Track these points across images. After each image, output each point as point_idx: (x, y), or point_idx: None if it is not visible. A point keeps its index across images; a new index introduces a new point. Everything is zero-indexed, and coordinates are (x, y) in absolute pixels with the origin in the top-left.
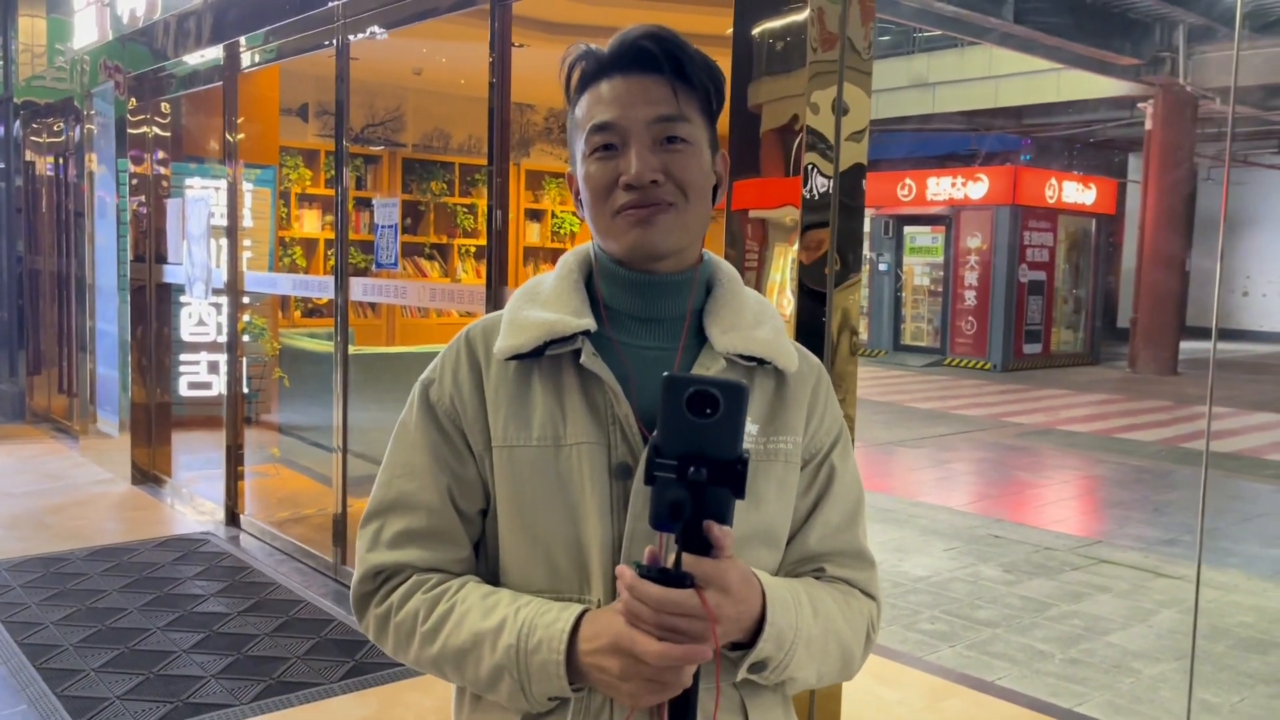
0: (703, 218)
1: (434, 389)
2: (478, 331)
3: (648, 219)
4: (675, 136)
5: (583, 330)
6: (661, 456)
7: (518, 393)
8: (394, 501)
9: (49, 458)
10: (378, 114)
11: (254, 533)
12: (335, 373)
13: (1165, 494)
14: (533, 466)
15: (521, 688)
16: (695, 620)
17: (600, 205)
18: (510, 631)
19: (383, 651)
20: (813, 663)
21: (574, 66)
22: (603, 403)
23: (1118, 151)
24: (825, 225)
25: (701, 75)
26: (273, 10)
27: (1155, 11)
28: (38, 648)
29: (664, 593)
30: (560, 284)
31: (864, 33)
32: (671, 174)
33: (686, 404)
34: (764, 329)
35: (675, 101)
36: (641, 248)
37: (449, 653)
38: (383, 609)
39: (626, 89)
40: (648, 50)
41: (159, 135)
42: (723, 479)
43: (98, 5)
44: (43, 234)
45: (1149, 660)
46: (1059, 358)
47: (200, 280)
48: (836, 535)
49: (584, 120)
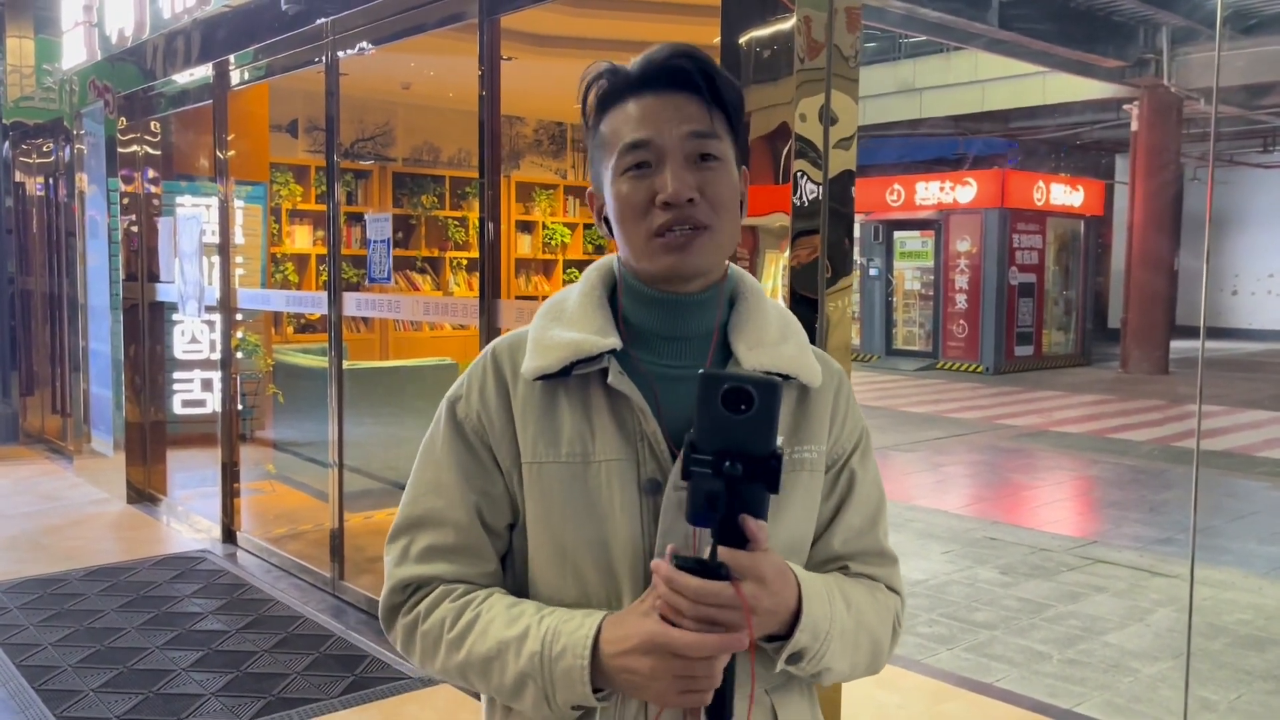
0: (733, 236)
1: (461, 405)
2: (504, 348)
3: (685, 244)
4: (709, 154)
5: (609, 350)
6: (698, 452)
7: (545, 411)
8: (421, 518)
9: (44, 478)
10: (367, 129)
11: (251, 549)
12: (330, 388)
13: (1160, 493)
14: (562, 483)
15: (546, 696)
16: (732, 611)
17: (635, 225)
18: (534, 639)
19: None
20: (846, 654)
21: (594, 84)
22: (630, 420)
23: (1104, 153)
24: (816, 232)
25: (730, 94)
26: (262, 28)
27: (1139, 14)
28: (37, 669)
29: (701, 584)
30: (584, 301)
31: (850, 40)
32: (706, 192)
33: (722, 400)
34: (789, 345)
35: (709, 119)
36: (678, 271)
37: (474, 661)
38: (410, 618)
39: (660, 107)
40: (682, 68)
41: (149, 154)
42: (757, 474)
43: (86, 26)
44: (34, 254)
45: (1147, 659)
46: (1051, 359)
47: (193, 298)
48: (860, 538)
49: (613, 138)
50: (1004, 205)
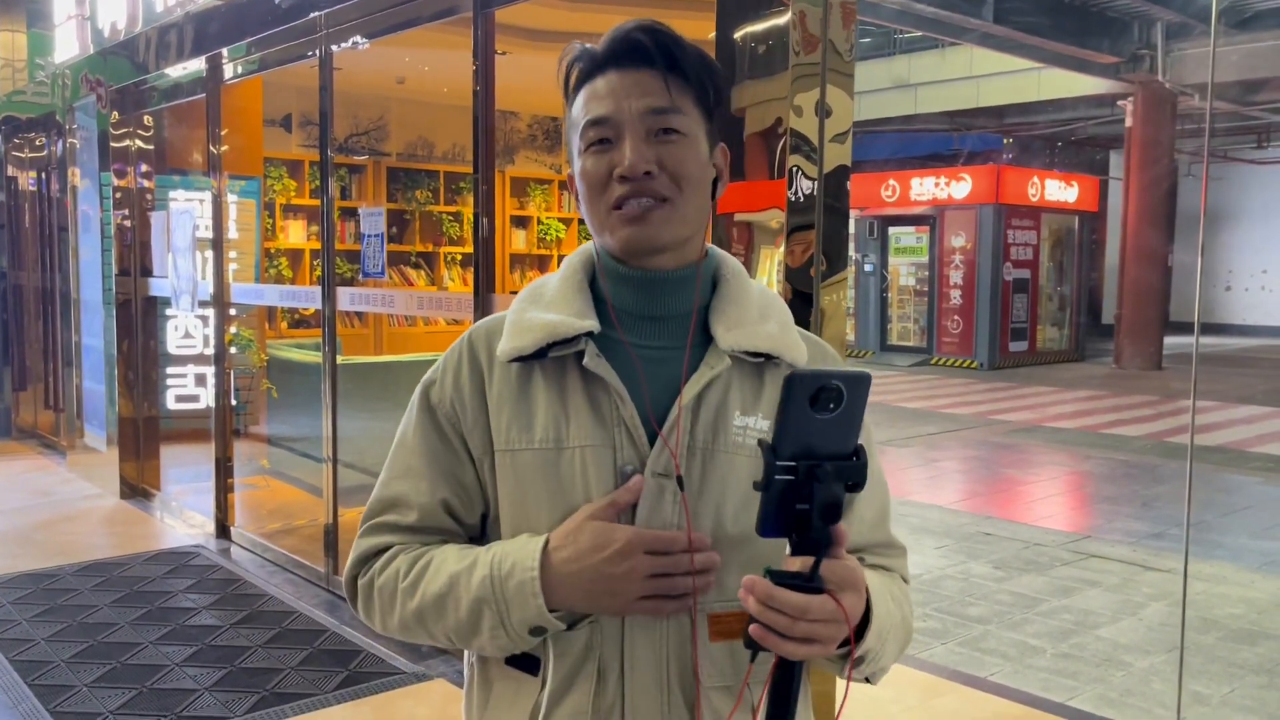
0: (701, 210)
1: (434, 390)
2: (480, 333)
3: (643, 216)
4: (669, 128)
5: (585, 331)
6: (779, 458)
7: (520, 395)
8: (389, 501)
9: (36, 474)
10: (361, 123)
11: (245, 545)
12: (324, 383)
13: (1153, 488)
14: (535, 470)
15: (501, 620)
16: (831, 625)
17: (596, 199)
18: (483, 565)
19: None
20: (895, 648)
21: (571, 66)
22: (607, 405)
23: (1099, 149)
24: (810, 227)
25: (696, 68)
26: (254, 21)
27: (1133, 9)
28: (29, 664)
29: (805, 600)
30: (564, 285)
31: (845, 35)
32: (666, 165)
33: (811, 401)
34: (770, 323)
35: (668, 94)
36: (638, 242)
37: (428, 602)
38: (367, 578)
39: (620, 83)
40: (640, 43)
41: (142, 148)
42: (843, 474)
43: (78, 19)
44: (26, 249)
45: (1139, 653)
46: (1045, 355)
47: (186, 293)
48: (872, 531)
49: (579, 116)
50: (999, 201)
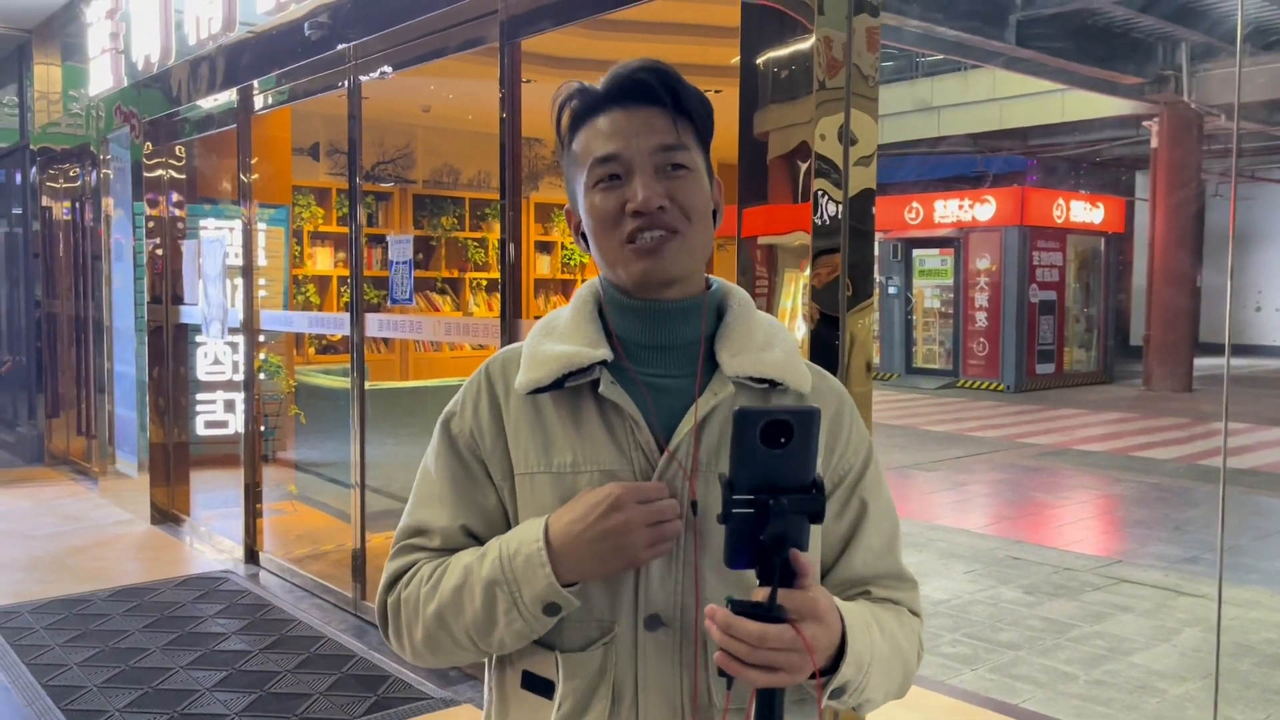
0: (705, 243)
1: (455, 421)
2: (497, 365)
3: (656, 249)
4: (678, 164)
5: (599, 360)
6: (736, 492)
7: (537, 422)
8: (414, 528)
9: (68, 499)
10: (388, 151)
11: (273, 570)
12: (352, 408)
13: (1185, 512)
14: (553, 493)
15: (514, 600)
16: (795, 654)
17: (608, 235)
18: (493, 550)
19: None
20: (884, 682)
21: (566, 105)
22: (622, 431)
23: (1124, 170)
24: (836, 251)
25: (696, 106)
26: (285, 54)
27: (1158, 31)
28: (62, 689)
29: (763, 629)
30: (576, 316)
31: (870, 60)
32: (676, 199)
33: (760, 436)
34: (775, 351)
35: (675, 131)
36: (652, 275)
37: (447, 597)
38: (395, 595)
39: (628, 121)
40: (646, 83)
41: (174, 178)
42: (802, 506)
43: (113, 53)
44: (60, 278)
45: (1174, 679)
46: (1072, 377)
47: (216, 320)
48: (880, 560)
49: (584, 154)
50: (1023, 223)
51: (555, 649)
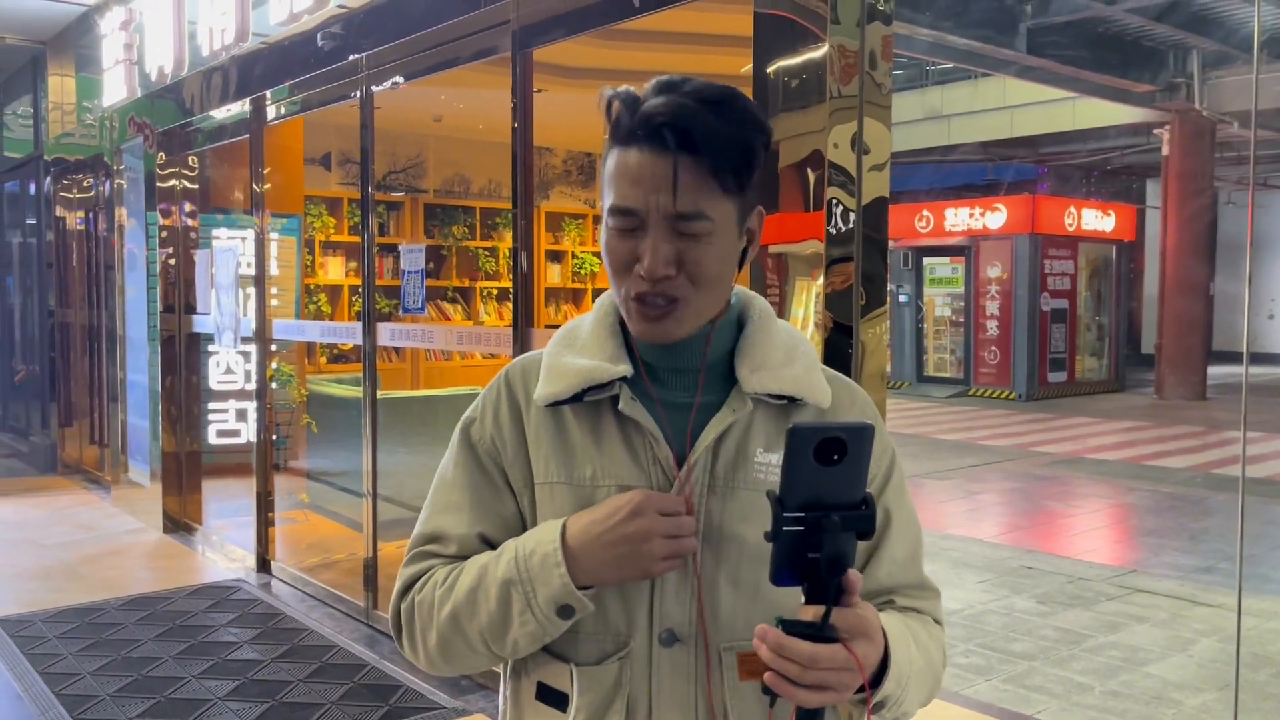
0: (716, 300)
1: (475, 428)
2: (517, 372)
3: (660, 317)
4: (691, 233)
5: (619, 377)
6: (786, 510)
7: (557, 433)
8: (430, 535)
9: (81, 508)
10: (399, 161)
11: (285, 579)
12: (364, 417)
13: (1200, 521)
14: (573, 505)
15: (528, 601)
16: (844, 673)
17: (618, 281)
18: (509, 550)
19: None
20: (919, 694)
21: (613, 107)
22: (641, 447)
23: (1135, 178)
24: (850, 259)
25: (725, 146)
26: (297, 64)
27: (1169, 39)
28: (75, 698)
29: (815, 649)
30: (597, 328)
31: (883, 68)
32: (686, 265)
33: (814, 454)
34: (795, 366)
35: (694, 194)
36: (652, 338)
37: (461, 598)
38: (408, 601)
39: (651, 169)
40: (662, 134)
41: (187, 188)
42: (852, 523)
43: (126, 64)
44: (73, 288)
45: (1190, 690)
46: (1084, 385)
47: (229, 329)
48: (904, 570)
49: (609, 185)
50: (1035, 231)
51: (570, 662)
